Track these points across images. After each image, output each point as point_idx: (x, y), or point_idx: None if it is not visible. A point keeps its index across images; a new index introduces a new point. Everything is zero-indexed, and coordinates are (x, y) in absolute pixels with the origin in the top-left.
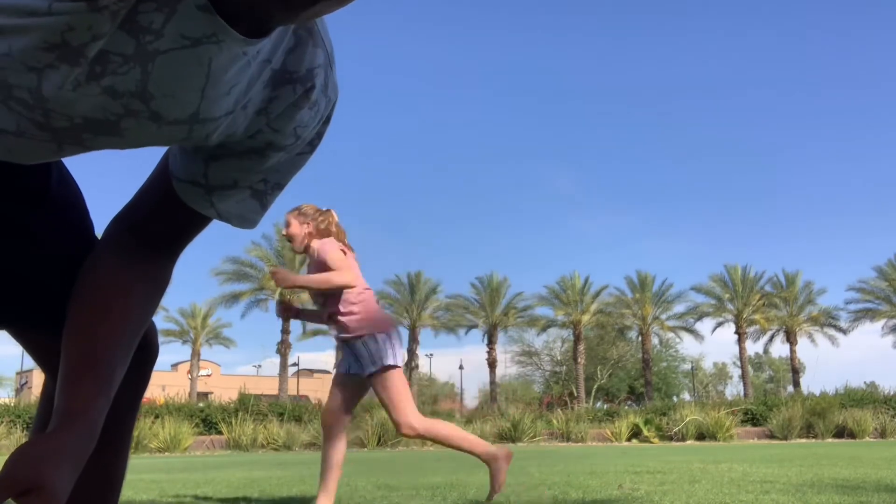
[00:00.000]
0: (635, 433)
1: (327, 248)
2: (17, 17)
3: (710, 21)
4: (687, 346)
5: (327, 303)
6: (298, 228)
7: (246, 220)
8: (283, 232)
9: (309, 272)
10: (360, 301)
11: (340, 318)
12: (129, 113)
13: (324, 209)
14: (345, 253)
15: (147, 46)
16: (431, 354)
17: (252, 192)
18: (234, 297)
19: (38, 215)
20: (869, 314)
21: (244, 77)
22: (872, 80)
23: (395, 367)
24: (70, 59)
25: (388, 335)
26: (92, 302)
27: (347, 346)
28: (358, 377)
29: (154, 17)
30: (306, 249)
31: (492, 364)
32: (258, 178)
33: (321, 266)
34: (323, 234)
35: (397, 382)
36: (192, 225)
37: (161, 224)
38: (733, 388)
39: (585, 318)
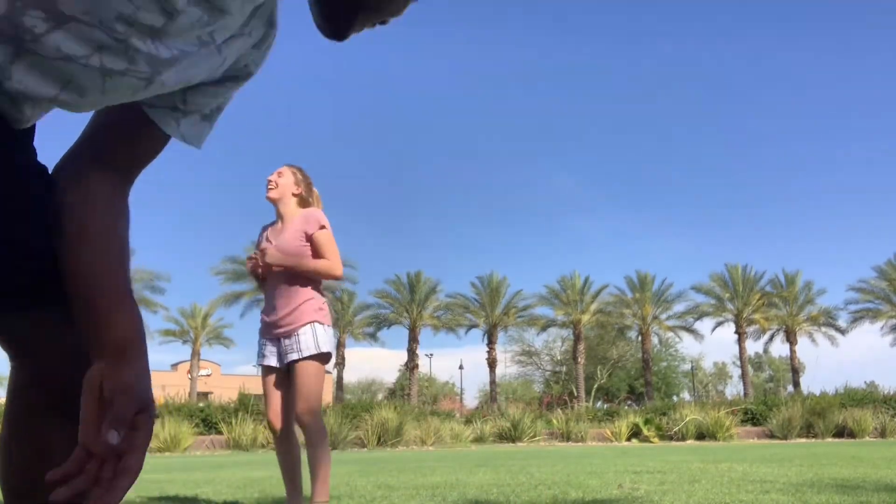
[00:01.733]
0: (635, 433)
1: (328, 231)
2: None
3: (711, 21)
4: (687, 345)
5: (292, 293)
6: (291, 185)
7: (199, 140)
8: (273, 177)
9: (281, 230)
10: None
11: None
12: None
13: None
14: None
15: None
16: (431, 354)
17: (202, 116)
18: (234, 297)
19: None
20: (870, 314)
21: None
22: (873, 81)
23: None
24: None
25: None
26: (99, 241)
27: (285, 338)
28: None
29: None
30: (278, 203)
31: (492, 364)
32: (216, 104)
33: (304, 235)
34: (306, 205)
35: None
36: (152, 152)
37: (123, 155)
38: (733, 388)
39: (585, 317)
